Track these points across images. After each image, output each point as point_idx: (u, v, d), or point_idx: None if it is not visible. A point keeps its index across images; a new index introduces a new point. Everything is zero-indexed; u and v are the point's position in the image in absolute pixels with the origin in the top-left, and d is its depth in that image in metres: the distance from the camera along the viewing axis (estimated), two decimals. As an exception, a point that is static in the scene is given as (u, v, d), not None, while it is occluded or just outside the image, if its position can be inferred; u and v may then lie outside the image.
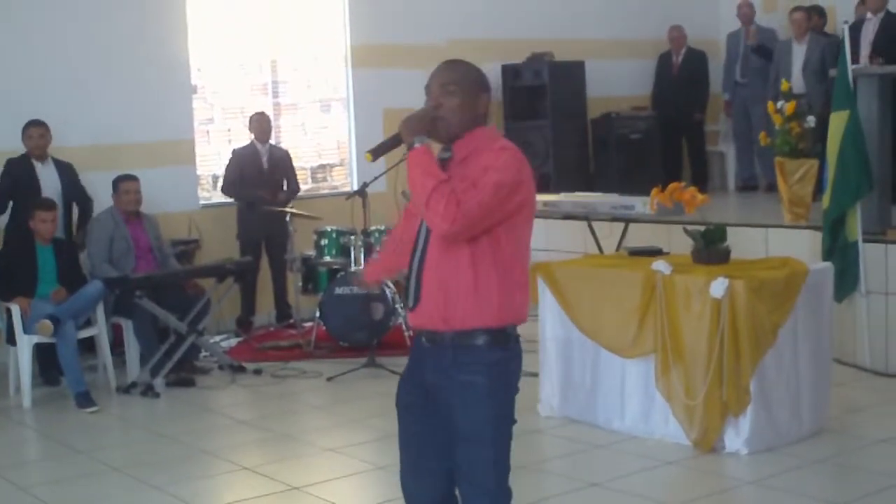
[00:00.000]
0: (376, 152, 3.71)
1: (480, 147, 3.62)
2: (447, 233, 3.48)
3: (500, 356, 3.66)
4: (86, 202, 9.47)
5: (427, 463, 3.80)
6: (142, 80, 10.45)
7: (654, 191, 8.33)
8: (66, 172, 9.31)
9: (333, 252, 9.76)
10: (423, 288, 3.64)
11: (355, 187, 10.48)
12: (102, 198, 9.41)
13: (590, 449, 6.58)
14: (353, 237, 9.56)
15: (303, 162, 11.58)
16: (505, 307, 3.62)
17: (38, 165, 9.17)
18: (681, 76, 13.80)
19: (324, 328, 9.50)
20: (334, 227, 9.82)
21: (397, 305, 9.24)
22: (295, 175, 10.86)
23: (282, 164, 10.73)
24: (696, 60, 13.86)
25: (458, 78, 3.66)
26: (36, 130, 9.19)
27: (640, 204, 8.46)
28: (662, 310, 6.44)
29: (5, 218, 9.18)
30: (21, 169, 9.11)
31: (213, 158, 11.21)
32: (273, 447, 7.09)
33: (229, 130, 11.26)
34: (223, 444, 7.10)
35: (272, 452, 6.96)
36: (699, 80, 13.87)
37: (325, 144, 11.96)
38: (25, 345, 8.26)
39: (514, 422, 3.75)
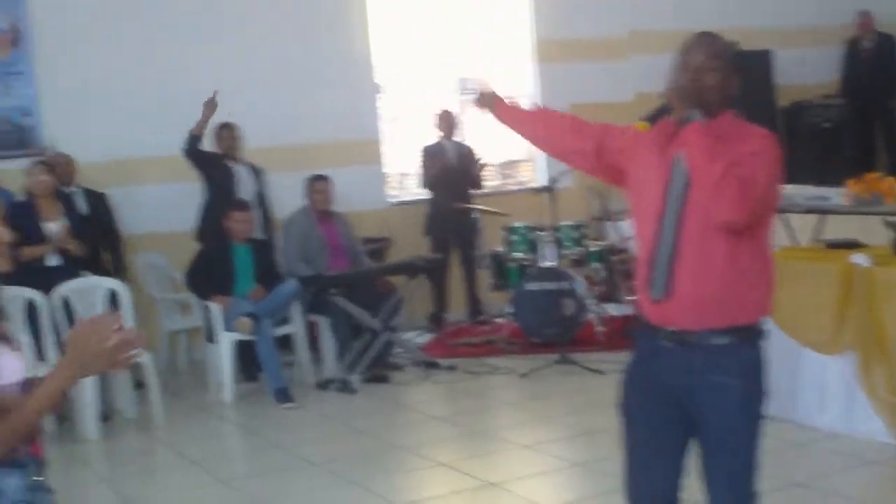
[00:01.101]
0: (651, 119, 3.44)
1: (733, 130, 3.38)
2: (733, 221, 3.23)
3: (754, 355, 3.44)
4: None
5: (659, 465, 3.59)
6: (327, 80, 10.62)
7: (850, 181, 8.03)
8: (259, 174, 9.52)
9: (523, 248, 9.70)
10: (676, 281, 3.38)
11: (543, 183, 10.44)
12: (289, 198, 9.57)
13: (791, 447, 6.37)
14: (542, 233, 9.51)
15: (489, 158, 11.57)
16: (759, 303, 3.42)
17: (234, 166, 9.38)
18: (871, 62, 13.31)
19: (515, 324, 9.46)
20: (524, 223, 9.77)
21: (588, 301, 9.15)
22: (480, 171, 10.86)
23: (467, 160, 10.75)
24: (887, 45, 13.35)
25: (719, 53, 3.44)
26: (227, 132, 9.42)
27: (836, 195, 8.17)
28: (862, 304, 6.21)
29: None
30: (220, 167, 9.32)
31: (399, 156, 11.30)
32: (468, 443, 7.09)
33: (415, 128, 11.32)
34: (418, 440, 7.13)
35: (467, 448, 6.96)
36: (890, 66, 13.35)
37: (512, 140, 11.93)
38: (226, 342, 8.46)
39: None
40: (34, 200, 8.08)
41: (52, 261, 8.02)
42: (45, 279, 7.70)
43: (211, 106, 9.08)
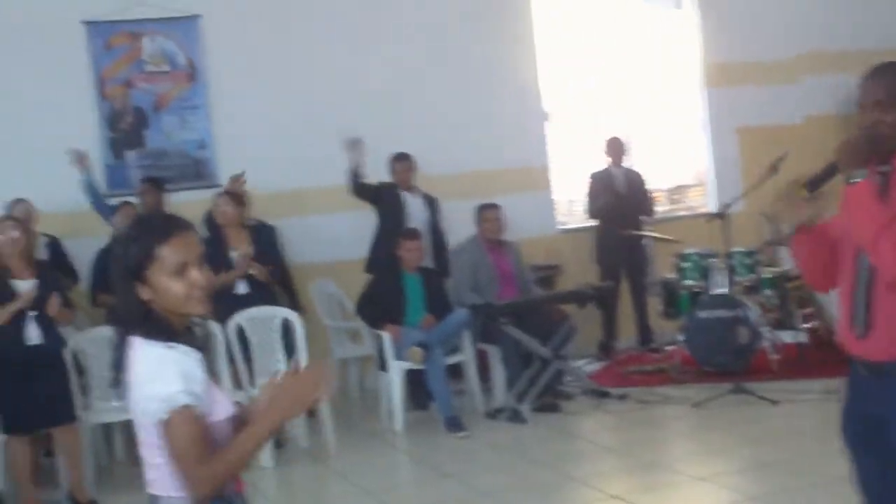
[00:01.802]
0: (814, 185, 3.35)
1: None
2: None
3: None
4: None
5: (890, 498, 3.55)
6: (496, 109, 10.67)
7: None
8: (432, 203, 9.59)
9: (695, 275, 9.54)
10: (873, 318, 3.37)
11: (713, 208, 10.28)
12: (460, 226, 9.62)
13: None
14: (714, 259, 9.35)
15: (658, 184, 11.45)
16: None
17: (405, 195, 9.48)
18: None
19: (687, 352, 9.31)
20: (695, 250, 9.61)
21: (761, 328, 8.95)
22: (649, 198, 10.75)
23: (636, 186, 10.65)
24: None
25: (893, 89, 3.27)
26: (400, 164, 9.52)
27: None
28: None
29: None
30: (390, 197, 9.43)
31: (568, 183, 11.26)
32: (641, 475, 6.98)
33: (583, 155, 11.27)
34: (590, 471, 7.05)
35: (640, 480, 6.85)
36: None
37: (681, 165, 11.80)
38: (396, 371, 8.53)
39: None
40: (220, 231, 8.33)
41: (241, 288, 8.24)
42: (231, 307, 7.92)
43: (353, 147, 9.18)
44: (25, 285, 7.06)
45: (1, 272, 7.09)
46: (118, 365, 2.91)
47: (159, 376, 2.80)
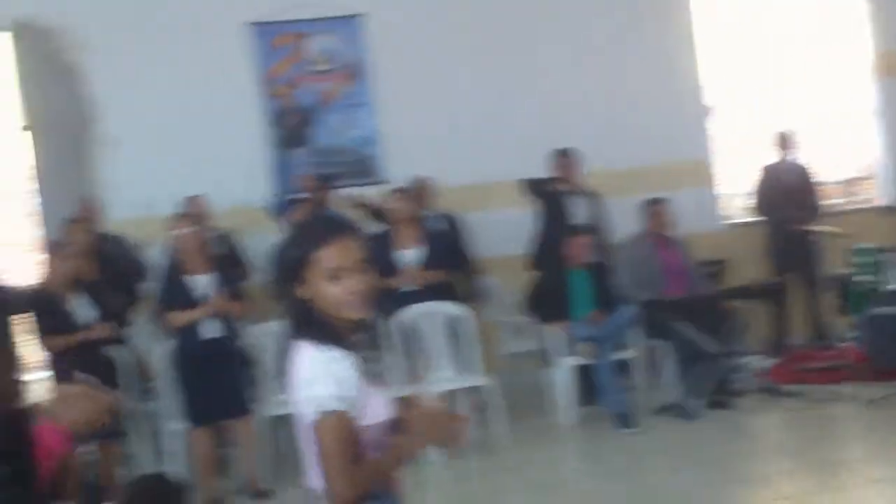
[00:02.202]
0: None
1: None
2: None
3: None
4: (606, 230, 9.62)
5: None
6: (656, 104, 10.54)
7: None
8: (595, 200, 9.52)
9: (870, 270, 9.27)
10: None
11: (885, 201, 10.00)
12: (620, 222, 9.53)
13: None
14: (891, 254, 9.07)
15: (828, 176, 11.17)
16: None
17: (568, 192, 9.42)
18: None
19: (861, 349, 9.05)
20: (870, 245, 9.34)
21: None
22: (816, 191, 10.49)
23: (804, 180, 10.41)
24: None
25: None
26: (563, 160, 9.47)
27: None
28: None
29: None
30: (553, 193, 9.39)
31: (732, 178, 11.07)
32: (814, 476, 6.79)
33: (748, 149, 11.07)
34: (762, 472, 6.90)
35: (813, 481, 6.67)
36: None
37: (852, 158, 11.50)
38: (565, 367, 8.50)
39: None
40: (390, 229, 8.37)
41: (407, 287, 8.27)
42: (397, 304, 7.97)
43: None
44: (201, 280, 7.23)
45: (177, 268, 7.28)
46: (282, 362, 2.97)
47: (313, 379, 2.85)
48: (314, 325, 2.89)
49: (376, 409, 2.93)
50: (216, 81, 9.89)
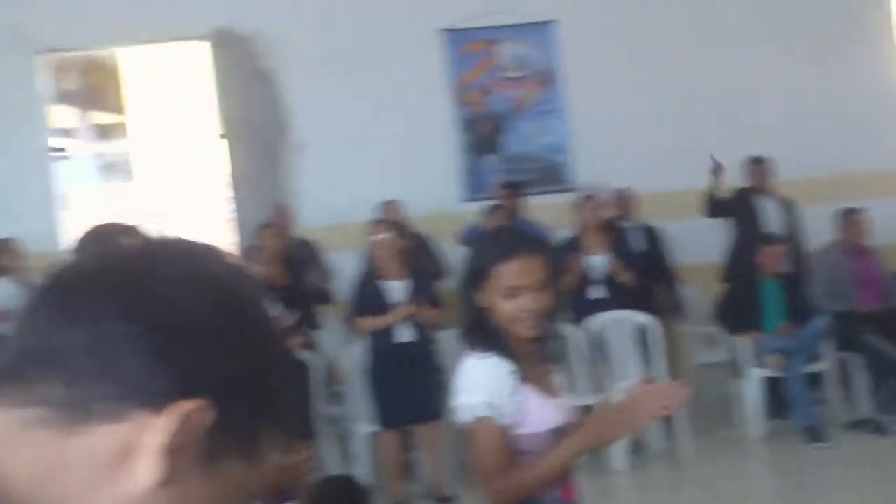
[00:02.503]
0: None
1: None
2: None
3: None
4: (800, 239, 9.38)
5: None
6: (854, 109, 10.23)
7: None
8: (789, 208, 9.32)
9: None
10: None
11: None
12: (819, 231, 9.28)
13: None
14: None
15: None
16: None
17: (758, 200, 9.25)
18: None
19: None
20: None
21: None
22: None
23: None
24: None
25: None
26: (756, 167, 9.30)
27: None
28: None
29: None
30: (745, 203, 9.24)
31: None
32: None
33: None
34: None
35: None
36: None
37: None
38: (755, 378, 8.35)
39: None
40: (580, 236, 8.39)
41: (597, 293, 8.27)
42: (586, 310, 7.98)
43: (717, 171, 9.03)
44: (396, 286, 7.37)
45: (373, 273, 7.46)
46: (454, 369, 3.05)
47: (468, 386, 2.91)
48: (484, 333, 2.94)
49: (546, 417, 2.96)
50: (408, 88, 10.06)
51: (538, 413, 2.94)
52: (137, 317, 0.98)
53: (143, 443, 0.96)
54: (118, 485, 0.97)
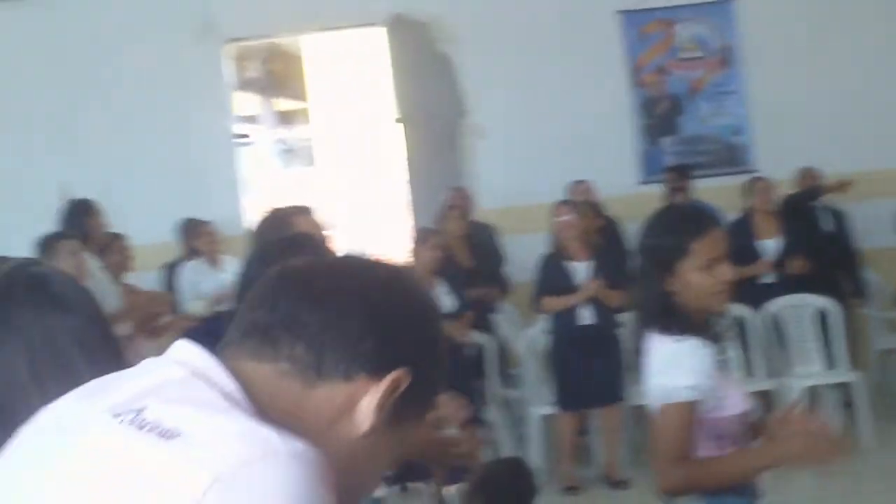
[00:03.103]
0: None
1: None
2: None
3: None
4: None
5: None
6: None
7: None
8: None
9: None
10: None
11: None
12: None
13: None
14: None
15: None
16: None
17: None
18: None
19: None
20: None
21: None
22: None
23: None
24: None
25: None
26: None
27: None
28: None
29: None
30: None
31: None
32: None
33: None
34: None
35: None
36: None
37: None
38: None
39: None
40: (751, 218, 8.24)
41: (767, 278, 8.12)
42: (757, 295, 7.83)
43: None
44: (581, 267, 7.37)
45: (558, 254, 7.47)
46: (636, 352, 3.01)
47: (667, 369, 2.88)
48: (672, 316, 2.92)
49: (734, 402, 2.94)
50: (585, 70, 10.00)
51: (731, 396, 2.93)
52: (371, 306, 1.35)
53: (364, 400, 1.32)
54: (341, 429, 1.32)
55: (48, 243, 5.60)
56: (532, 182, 9.54)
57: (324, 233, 3.48)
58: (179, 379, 1.30)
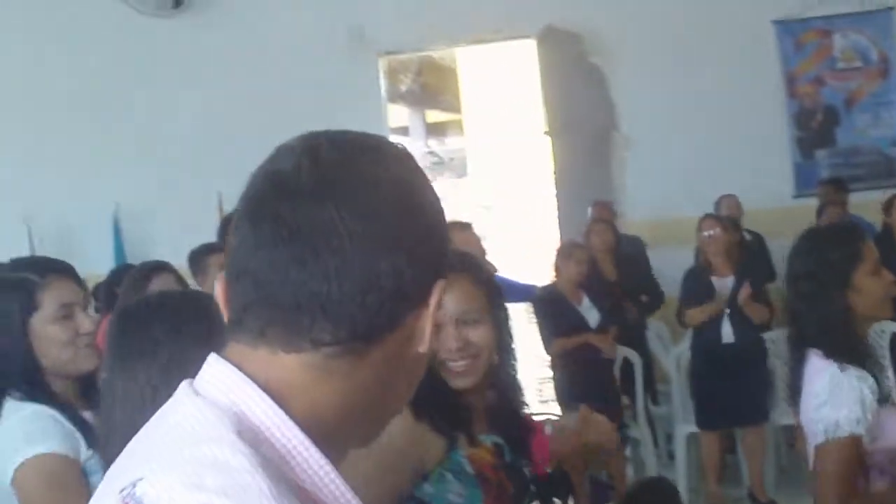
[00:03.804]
0: None
1: None
2: None
3: None
4: None
5: None
6: None
7: None
8: None
9: None
10: None
11: None
12: None
13: None
14: None
15: None
16: None
17: None
18: None
19: None
20: None
21: None
22: None
23: None
24: None
25: None
26: None
27: None
28: None
29: None
30: None
31: None
32: None
33: None
34: None
35: None
36: None
37: None
38: None
39: None
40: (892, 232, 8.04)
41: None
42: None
43: None
44: (726, 282, 7.29)
45: (703, 269, 7.40)
46: (794, 376, 2.94)
47: (830, 400, 2.79)
48: (839, 336, 2.86)
49: (891, 432, 2.87)
50: (738, 81, 9.83)
51: (891, 427, 2.86)
52: (391, 244, 1.21)
53: (421, 327, 1.24)
54: (407, 366, 1.25)
55: (198, 258, 5.56)
56: (683, 194, 9.42)
57: (482, 248, 3.45)
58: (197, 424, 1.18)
